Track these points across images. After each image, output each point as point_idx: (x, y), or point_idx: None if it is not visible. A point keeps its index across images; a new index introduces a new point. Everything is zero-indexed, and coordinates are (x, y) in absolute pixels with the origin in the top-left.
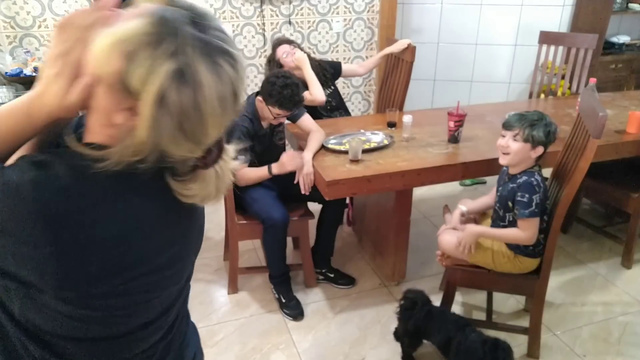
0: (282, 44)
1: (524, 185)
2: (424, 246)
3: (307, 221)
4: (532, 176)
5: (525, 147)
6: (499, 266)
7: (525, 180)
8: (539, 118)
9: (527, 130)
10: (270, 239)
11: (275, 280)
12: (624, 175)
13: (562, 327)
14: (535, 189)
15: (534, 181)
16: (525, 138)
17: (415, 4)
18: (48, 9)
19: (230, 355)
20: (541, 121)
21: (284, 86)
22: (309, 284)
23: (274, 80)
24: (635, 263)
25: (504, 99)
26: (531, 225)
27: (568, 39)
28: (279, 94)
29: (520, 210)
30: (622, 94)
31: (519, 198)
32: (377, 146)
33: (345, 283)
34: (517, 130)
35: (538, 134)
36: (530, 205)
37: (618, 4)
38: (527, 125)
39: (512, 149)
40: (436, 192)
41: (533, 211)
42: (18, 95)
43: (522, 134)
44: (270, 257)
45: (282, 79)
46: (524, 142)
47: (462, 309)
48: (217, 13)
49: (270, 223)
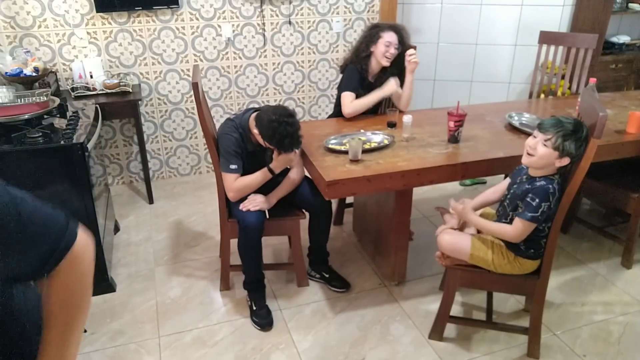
0: (391, 31)
1: (539, 189)
2: (424, 246)
3: (299, 220)
4: (550, 183)
5: (552, 155)
6: (499, 267)
7: (543, 185)
8: (576, 129)
9: (560, 140)
10: (242, 242)
11: (248, 286)
12: (624, 175)
13: (562, 327)
14: (550, 197)
15: (550, 188)
16: (555, 146)
17: (415, 4)
18: (48, 9)
19: (230, 355)
20: (577, 133)
21: (285, 133)
22: (300, 284)
23: (275, 126)
24: (635, 263)
25: (504, 99)
26: (525, 229)
27: (568, 38)
28: (278, 142)
29: (524, 211)
30: (622, 94)
31: (528, 199)
32: (377, 146)
33: (338, 286)
34: (551, 135)
35: (570, 145)
36: (536, 211)
37: (618, 4)
38: (562, 134)
39: (538, 152)
40: (436, 192)
41: (536, 217)
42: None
43: (554, 140)
44: (243, 261)
45: (284, 124)
46: (553, 150)
47: (462, 309)
48: (217, 13)
49: (242, 225)
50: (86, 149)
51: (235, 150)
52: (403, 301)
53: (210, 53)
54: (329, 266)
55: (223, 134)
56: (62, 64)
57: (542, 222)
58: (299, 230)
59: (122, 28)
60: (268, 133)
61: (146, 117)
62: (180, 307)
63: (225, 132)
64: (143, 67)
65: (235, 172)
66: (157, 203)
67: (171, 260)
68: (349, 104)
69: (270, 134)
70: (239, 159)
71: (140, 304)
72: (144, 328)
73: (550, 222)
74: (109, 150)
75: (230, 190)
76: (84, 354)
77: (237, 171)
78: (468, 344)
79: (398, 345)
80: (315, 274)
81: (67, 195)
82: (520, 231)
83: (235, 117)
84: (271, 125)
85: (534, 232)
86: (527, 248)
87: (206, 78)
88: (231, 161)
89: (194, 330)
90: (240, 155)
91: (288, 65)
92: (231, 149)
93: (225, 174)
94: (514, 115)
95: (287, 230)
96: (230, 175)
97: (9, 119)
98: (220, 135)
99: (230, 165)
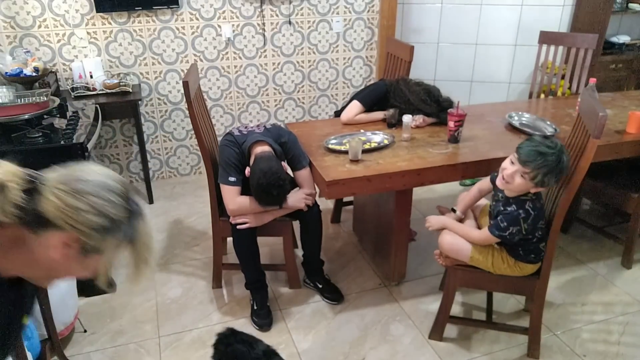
0: None
1: (509, 215)
2: (424, 246)
3: (290, 223)
4: (522, 207)
5: (528, 185)
6: (498, 271)
7: (512, 211)
8: (558, 160)
9: (541, 177)
10: (237, 243)
11: (249, 286)
12: (624, 175)
13: (562, 327)
14: (520, 221)
15: (521, 213)
16: (535, 181)
17: (415, 4)
18: (48, 9)
19: None
20: (559, 165)
21: (265, 191)
22: (292, 286)
23: (260, 180)
24: (635, 263)
25: (504, 99)
26: (491, 241)
27: (568, 39)
28: (259, 192)
29: (492, 226)
30: (622, 94)
31: (498, 220)
32: (377, 146)
33: (331, 298)
34: (530, 170)
35: (550, 180)
36: (504, 231)
37: (618, 4)
38: (544, 172)
39: (515, 182)
40: (436, 192)
41: (504, 236)
42: (18, 95)
43: (533, 176)
44: (241, 262)
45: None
46: (531, 181)
47: (462, 309)
48: (217, 13)
49: (234, 227)
50: (86, 149)
51: (235, 163)
52: (403, 301)
53: (210, 53)
54: (323, 276)
55: (223, 145)
56: (62, 64)
57: (513, 241)
58: (290, 232)
59: (122, 28)
60: (253, 186)
61: (146, 117)
62: (180, 307)
63: (226, 145)
64: (143, 67)
65: (234, 185)
66: (157, 203)
67: (171, 260)
68: (352, 116)
69: (254, 186)
70: (239, 172)
71: (140, 304)
72: (144, 328)
73: (545, 225)
74: (109, 150)
75: (229, 204)
76: (84, 354)
77: (237, 184)
78: (468, 344)
79: (398, 345)
80: (309, 282)
81: None
82: (485, 240)
83: (238, 136)
84: (258, 180)
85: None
86: (527, 253)
87: (206, 78)
88: (230, 173)
89: (194, 330)
90: (239, 169)
91: (288, 65)
92: (231, 161)
93: (223, 186)
94: (514, 115)
95: (278, 232)
96: (229, 188)
97: (9, 119)
98: (221, 146)
99: (229, 178)
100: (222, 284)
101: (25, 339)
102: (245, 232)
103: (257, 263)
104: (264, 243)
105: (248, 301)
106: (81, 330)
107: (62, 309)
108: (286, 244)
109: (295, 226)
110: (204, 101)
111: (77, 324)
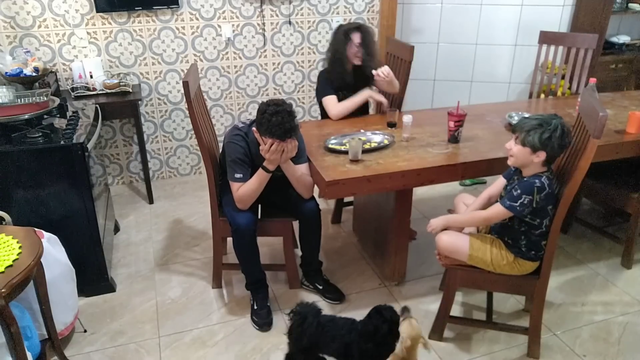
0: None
1: (524, 183)
2: (424, 246)
3: (290, 223)
4: (538, 178)
5: (525, 151)
6: (498, 268)
7: (529, 179)
8: (540, 123)
9: (524, 134)
10: (237, 244)
11: (249, 286)
12: (624, 175)
13: (562, 327)
14: (534, 190)
15: (536, 182)
16: (522, 142)
17: (415, 4)
18: (48, 9)
19: (230, 355)
20: (541, 127)
21: (274, 113)
22: (292, 286)
23: (264, 108)
24: (635, 263)
25: (504, 99)
26: (499, 214)
27: (568, 39)
28: (268, 122)
29: (503, 198)
30: (622, 94)
31: (512, 190)
32: (377, 146)
33: (332, 298)
34: (518, 133)
35: (533, 139)
36: (515, 201)
37: (618, 4)
38: (526, 130)
39: (513, 151)
40: (436, 192)
41: (514, 207)
42: (18, 95)
43: (521, 137)
44: (241, 262)
45: (273, 107)
46: (522, 146)
47: (462, 309)
48: (217, 13)
49: (234, 227)
50: (86, 149)
51: (241, 158)
52: (403, 301)
53: (210, 53)
54: (322, 277)
55: (229, 142)
56: (62, 64)
57: (523, 214)
58: (290, 232)
59: (122, 28)
60: (261, 121)
61: (146, 117)
62: (180, 307)
63: (231, 141)
64: (143, 67)
65: (240, 181)
66: (157, 203)
67: (171, 260)
68: (334, 106)
69: (260, 116)
70: (245, 167)
71: (140, 304)
72: (144, 328)
73: (549, 221)
74: (109, 150)
75: (235, 196)
76: (84, 354)
77: (243, 180)
78: (468, 344)
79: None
80: (308, 284)
81: (67, 195)
82: (494, 214)
83: (242, 127)
84: (260, 108)
85: (533, 231)
86: (528, 250)
87: (206, 78)
88: (237, 170)
89: (193, 330)
90: (247, 163)
91: (288, 65)
92: (237, 157)
93: (231, 183)
94: (514, 115)
95: (278, 232)
96: (235, 185)
97: (9, 119)
98: (227, 143)
99: (235, 174)
100: (222, 284)
101: (25, 339)
102: (244, 232)
103: (257, 263)
104: (264, 243)
105: (248, 301)
106: (81, 330)
107: (62, 309)
108: (286, 244)
109: (295, 226)
110: (204, 101)
111: (77, 324)
